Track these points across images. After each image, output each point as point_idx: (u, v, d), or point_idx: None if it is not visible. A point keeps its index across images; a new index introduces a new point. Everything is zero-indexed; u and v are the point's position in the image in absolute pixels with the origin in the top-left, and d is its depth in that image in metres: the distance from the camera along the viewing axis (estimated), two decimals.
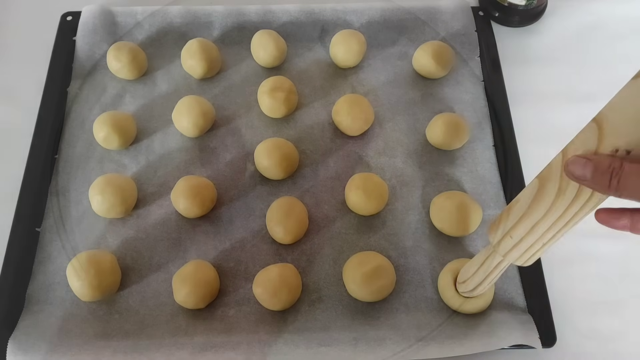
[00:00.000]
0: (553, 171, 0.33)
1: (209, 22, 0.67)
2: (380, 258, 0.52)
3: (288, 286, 0.50)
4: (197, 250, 0.55)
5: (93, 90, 0.64)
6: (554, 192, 0.33)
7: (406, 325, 0.50)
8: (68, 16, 0.68)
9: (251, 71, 0.66)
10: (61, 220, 0.56)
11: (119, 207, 0.54)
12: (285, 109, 0.61)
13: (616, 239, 0.56)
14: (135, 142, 0.61)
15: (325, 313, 0.52)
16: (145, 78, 0.65)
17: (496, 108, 0.63)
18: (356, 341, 0.49)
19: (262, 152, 0.57)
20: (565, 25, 0.72)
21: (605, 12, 0.73)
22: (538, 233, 0.36)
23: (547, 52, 0.70)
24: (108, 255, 0.53)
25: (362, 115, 0.60)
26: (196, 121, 0.59)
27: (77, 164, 0.60)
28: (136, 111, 0.63)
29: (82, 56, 0.66)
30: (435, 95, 0.65)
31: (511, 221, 0.37)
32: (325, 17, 0.67)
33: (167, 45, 0.67)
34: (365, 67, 0.67)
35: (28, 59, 0.67)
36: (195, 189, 0.54)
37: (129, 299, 0.52)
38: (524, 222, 0.36)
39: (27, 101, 0.63)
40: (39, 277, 0.53)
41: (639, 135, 0.28)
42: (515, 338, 0.49)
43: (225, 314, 0.52)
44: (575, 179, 0.31)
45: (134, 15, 0.67)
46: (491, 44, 0.68)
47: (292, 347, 0.48)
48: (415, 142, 0.62)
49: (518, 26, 0.71)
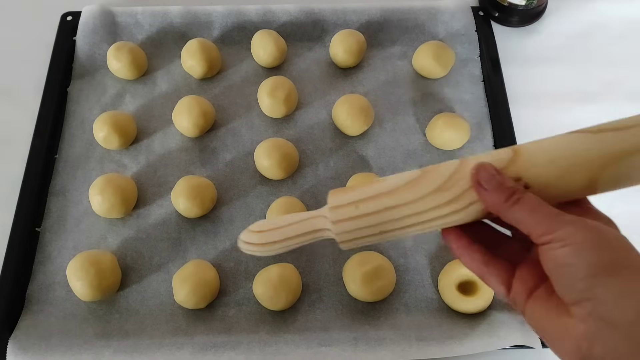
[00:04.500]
0: (443, 167, 0.33)
1: (209, 22, 0.67)
2: (380, 258, 0.52)
3: (288, 286, 0.50)
4: (197, 250, 0.55)
5: (93, 90, 0.64)
6: (431, 188, 0.32)
7: (406, 325, 0.50)
8: (68, 16, 0.68)
9: (251, 71, 0.66)
10: (61, 220, 0.56)
11: (119, 207, 0.54)
12: (285, 109, 0.61)
13: None
14: (135, 142, 0.61)
15: (325, 313, 0.52)
16: (145, 78, 0.65)
17: (496, 108, 0.63)
18: (356, 341, 0.49)
19: (262, 152, 0.57)
20: (565, 25, 0.72)
21: (605, 12, 0.73)
22: (386, 217, 0.33)
23: (547, 52, 0.70)
24: (108, 255, 0.53)
25: (362, 115, 0.60)
26: (196, 121, 0.59)
27: (77, 164, 0.60)
28: (136, 111, 0.63)
29: (82, 56, 0.66)
30: (435, 95, 0.65)
31: (367, 193, 0.33)
32: (325, 17, 0.67)
33: (167, 45, 0.67)
34: (365, 67, 0.67)
35: (28, 59, 0.67)
36: (195, 189, 0.54)
37: (129, 299, 0.52)
38: (380, 199, 0.33)
39: (27, 101, 0.63)
40: (39, 277, 0.53)
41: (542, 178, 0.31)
42: (515, 338, 0.49)
43: (225, 314, 0.52)
44: (477, 184, 0.31)
45: (134, 15, 0.67)
46: (491, 44, 0.68)
47: (292, 347, 0.48)
48: (415, 142, 0.62)
49: (518, 26, 0.71)
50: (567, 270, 0.27)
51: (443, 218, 0.32)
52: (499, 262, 0.33)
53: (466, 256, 0.33)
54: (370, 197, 0.33)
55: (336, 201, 0.34)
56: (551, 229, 0.28)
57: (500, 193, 0.30)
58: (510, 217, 0.30)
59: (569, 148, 0.31)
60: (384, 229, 0.33)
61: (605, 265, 0.27)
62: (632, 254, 0.28)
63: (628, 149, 0.30)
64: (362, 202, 0.33)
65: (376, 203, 0.33)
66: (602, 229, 0.28)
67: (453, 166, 0.32)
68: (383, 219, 0.33)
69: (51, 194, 0.58)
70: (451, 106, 0.64)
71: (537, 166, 0.31)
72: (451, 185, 0.32)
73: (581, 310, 0.27)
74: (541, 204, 0.29)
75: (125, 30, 0.67)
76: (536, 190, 0.31)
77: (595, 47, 0.70)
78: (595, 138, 0.31)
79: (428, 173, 0.33)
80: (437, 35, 0.68)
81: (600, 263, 0.27)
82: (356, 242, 0.34)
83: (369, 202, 0.33)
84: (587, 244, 0.27)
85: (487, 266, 0.33)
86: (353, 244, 0.34)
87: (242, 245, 0.35)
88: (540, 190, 0.31)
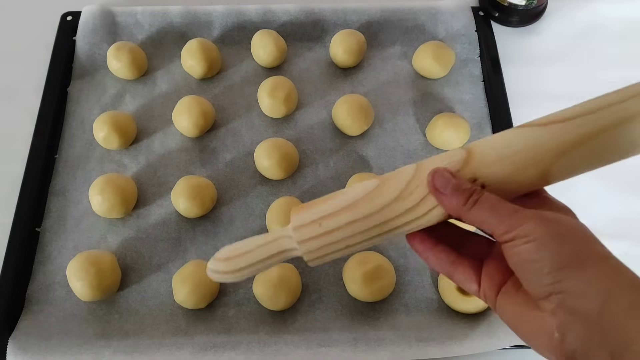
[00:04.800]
0: (400, 175, 0.33)
1: (209, 22, 0.67)
2: (380, 258, 0.52)
3: (288, 286, 0.50)
4: (197, 250, 0.55)
5: (93, 90, 0.64)
6: (392, 196, 0.32)
7: (406, 326, 0.50)
8: (68, 16, 0.68)
9: (251, 71, 0.66)
10: (61, 220, 0.56)
11: (119, 207, 0.54)
12: (285, 109, 0.61)
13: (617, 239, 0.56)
14: (135, 142, 0.61)
15: (325, 313, 0.52)
16: (145, 78, 0.65)
17: (496, 108, 0.63)
18: (356, 341, 0.49)
19: (262, 152, 0.57)
20: (565, 25, 0.72)
21: (605, 12, 0.73)
22: (350, 231, 0.32)
23: (547, 52, 0.70)
24: (108, 255, 0.53)
25: (362, 115, 0.60)
26: (196, 121, 0.59)
27: (77, 164, 0.60)
28: (136, 111, 0.63)
29: (82, 56, 0.66)
30: (435, 95, 0.65)
31: (328, 209, 0.33)
32: (325, 17, 0.67)
33: (167, 45, 0.67)
34: (365, 67, 0.67)
35: (28, 59, 0.67)
36: (195, 189, 0.54)
37: (129, 299, 0.53)
38: (341, 215, 0.32)
39: (27, 101, 0.63)
40: (39, 277, 0.53)
41: (497, 175, 0.31)
42: (515, 338, 0.48)
43: (225, 314, 0.52)
44: (434, 189, 0.31)
45: (134, 15, 0.67)
46: (491, 44, 0.68)
47: (292, 347, 0.48)
48: (415, 142, 0.62)
49: (518, 26, 0.71)
50: (532, 266, 0.27)
51: (406, 225, 0.32)
52: (465, 260, 0.33)
53: (432, 258, 0.34)
54: (332, 213, 0.33)
55: (299, 220, 0.33)
56: (512, 226, 0.28)
57: (458, 196, 0.30)
58: (471, 218, 0.30)
59: (520, 143, 0.31)
60: (350, 242, 0.33)
61: (569, 257, 0.27)
62: (592, 243, 0.28)
63: (576, 140, 0.30)
64: (324, 219, 0.33)
65: (338, 219, 0.32)
66: (561, 220, 0.29)
67: (410, 173, 0.32)
68: (347, 234, 0.32)
69: (51, 194, 0.58)
70: (451, 106, 0.64)
71: (491, 165, 0.31)
72: (410, 193, 0.32)
73: (550, 304, 0.27)
74: (500, 201, 0.30)
75: (125, 30, 0.67)
76: (492, 188, 0.31)
77: (595, 47, 0.70)
78: (545, 131, 0.31)
79: (386, 182, 0.33)
80: (437, 35, 0.68)
81: (564, 256, 0.27)
82: (324, 258, 0.34)
83: (331, 218, 0.32)
84: (549, 238, 0.27)
85: (454, 265, 0.33)
86: (321, 261, 0.34)
87: (212, 274, 0.35)
88: (496, 187, 0.31)
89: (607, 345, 0.26)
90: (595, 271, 0.27)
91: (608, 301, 0.26)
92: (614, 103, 0.30)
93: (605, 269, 0.27)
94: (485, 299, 0.32)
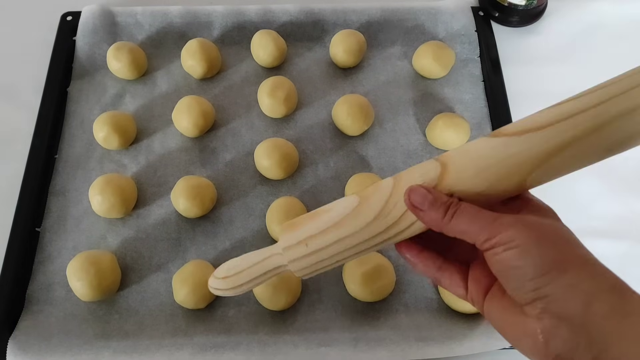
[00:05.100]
0: (379, 193, 0.33)
1: (209, 22, 0.67)
2: (380, 258, 0.52)
3: (288, 286, 0.50)
4: (197, 250, 0.55)
5: (93, 90, 0.64)
6: (373, 214, 0.33)
7: (406, 325, 0.50)
8: (68, 16, 0.68)
9: (251, 71, 0.66)
10: (61, 220, 0.56)
11: (119, 207, 0.54)
12: (285, 109, 0.61)
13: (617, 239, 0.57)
14: (135, 142, 0.61)
15: (325, 313, 0.52)
16: (145, 78, 0.65)
17: (496, 108, 0.63)
18: (356, 341, 0.49)
19: (262, 152, 0.57)
20: (565, 25, 0.72)
21: (605, 12, 0.73)
22: (336, 250, 0.34)
23: (547, 52, 0.70)
24: (108, 255, 0.53)
25: (362, 115, 0.60)
26: (196, 121, 0.59)
27: (77, 164, 0.60)
28: (136, 111, 0.63)
29: (82, 56, 0.66)
30: (435, 95, 0.65)
31: (313, 229, 0.34)
32: (325, 17, 0.67)
33: (167, 45, 0.67)
34: (365, 67, 0.67)
35: (28, 59, 0.67)
36: (195, 189, 0.54)
37: (129, 299, 0.53)
38: (327, 235, 0.34)
39: (27, 101, 0.63)
40: (39, 277, 0.53)
41: (473, 190, 0.31)
42: None
43: (225, 314, 0.52)
44: (412, 206, 0.31)
45: (134, 15, 0.67)
46: (491, 44, 0.68)
47: (291, 348, 0.48)
48: (415, 142, 0.62)
49: (518, 26, 0.71)
50: (515, 273, 0.28)
51: (390, 239, 0.33)
52: (451, 265, 0.33)
53: (419, 264, 0.34)
54: (317, 234, 0.34)
55: (286, 242, 0.35)
56: (492, 234, 0.28)
57: (436, 210, 0.30)
58: (452, 230, 0.30)
59: (496, 155, 0.31)
60: (338, 258, 0.34)
61: (551, 263, 0.27)
62: (574, 247, 0.28)
63: (553, 148, 0.30)
64: (311, 239, 0.34)
65: (323, 239, 0.34)
66: (543, 225, 0.29)
67: (388, 189, 0.33)
68: (334, 252, 0.34)
69: (51, 194, 0.58)
70: (451, 106, 0.64)
71: (466, 181, 0.31)
72: (389, 211, 0.32)
73: (534, 309, 0.27)
74: (479, 211, 0.30)
75: (125, 30, 0.67)
76: (469, 200, 0.31)
77: (595, 47, 0.70)
78: (521, 140, 0.30)
79: (366, 200, 0.33)
80: (437, 35, 0.68)
81: (546, 261, 0.27)
82: (314, 273, 0.36)
83: (317, 238, 0.34)
84: (530, 245, 0.27)
85: (440, 271, 0.33)
86: (310, 275, 0.36)
87: (214, 291, 0.38)
88: (473, 200, 0.31)
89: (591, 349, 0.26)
90: (577, 275, 0.27)
91: (590, 305, 0.26)
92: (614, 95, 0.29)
93: (587, 273, 0.27)
94: (473, 302, 0.32)
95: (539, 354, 0.27)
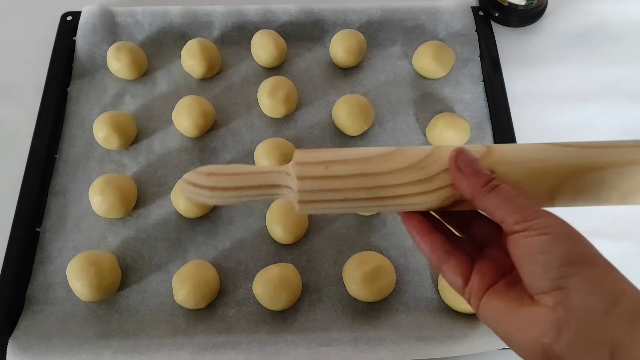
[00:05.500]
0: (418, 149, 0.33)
1: (209, 22, 0.67)
2: (380, 258, 0.52)
3: (288, 286, 0.50)
4: (197, 250, 0.55)
5: (93, 90, 0.64)
6: (405, 164, 0.32)
7: (406, 325, 0.50)
8: (68, 16, 0.68)
9: (251, 71, 0.66)
10: (61, 220, 0.56)
11: (119, 207, 0.54)
12: (285, 109, 0.61)
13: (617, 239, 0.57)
14: (135, 142, 0.61)
15: (325, 313, 0.52)
16: (145, 78, 0.65)
17: (496, 108, 0.63)
18: (356, 341, 0.49)
19: (262, 152, 0.57)
20: (565, 25, 0.72)
21: (605, 12, 0.73)
22: (353, 184, 0.31)
23: (547, 52, 0.70)
24: (108, 255, 0.53)
25: (362, 115, 0.60)
26: (196, 121, 0.59)
27: (77, 164, 0.60)
28: (136, 111, 0.63)
29: (82, 56, 0.66)
30: (435, 95, 0.65)
31: (338, 156, 0.32)
32: (325, 17, 0.67)
33: (167, 45, 0.67)
34: (365, 67, 0.67)
35: (28, 59, 0.67)
36: None
37: (129, 299, 0.53)
38: (351, 165, 0.32)
39: (27, 101, 0.63)
40: (39, 277, 0.53)
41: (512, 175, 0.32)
42: None
43: (225, 314, 0.52)
44: (456, 167, 0.31)
45: (134, 15, 0.67)
46: (491, 44, 0.68)
47: (292, 347, 0.48)
48: (415, 142, 0.62)
49: (518, 26, 0.71)
50: (541, 258, 0.28)
51: (410, 197, 0.32)
52: (460, 253, 0.33)
53: (426, 242, 0.33)
54: (342, 161, 0.32)
55: (304, 157, 0.32)
56: (528, 217, 0.29)
57: (478, 178, 0.31)
58: (485, 203, 0.30)
59: (539, 153, 0.33)
60: (350, 196, 0.32)
61: (579, 256, 0.28)
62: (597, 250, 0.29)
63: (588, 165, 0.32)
64: (333, 163, 0.32)
65: (348, 167, 0.32)
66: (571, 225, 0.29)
67: (428, 149, 0.33)
68: (352, 185, 0.32)
69: (51, 194, 0.58)
70: (451, 106, 0.64)
71: (508, 164, 0.32)
72: (425, 165, 0.32)
73: (552, 298, 0.27)
74: (518, 194, 0.30)
75: (125, 30, 0.67)
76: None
77: (595, 47, 0.70)
78: (563, 150, 0.33)
79: (403, 151, 0.33)
80: (437, 35, 0.68)
81: (574, 254, 0.28)
82: (316, 205, 0.32)
83: (341, 165, 0.32)
84: (562, 235, 0.28)
85: (447, 255, 0.33)
86: (311, 208, 0.32)
87: (186, 186, 0.32)
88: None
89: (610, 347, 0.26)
90: (604, 273, 0.27)
91: (615, 304, 0.26)
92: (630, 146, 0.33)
93: (615, 275, 0.28)
94: (470, 295, 0.32)
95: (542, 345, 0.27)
